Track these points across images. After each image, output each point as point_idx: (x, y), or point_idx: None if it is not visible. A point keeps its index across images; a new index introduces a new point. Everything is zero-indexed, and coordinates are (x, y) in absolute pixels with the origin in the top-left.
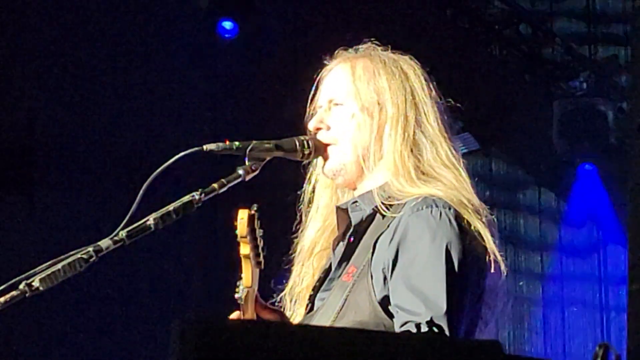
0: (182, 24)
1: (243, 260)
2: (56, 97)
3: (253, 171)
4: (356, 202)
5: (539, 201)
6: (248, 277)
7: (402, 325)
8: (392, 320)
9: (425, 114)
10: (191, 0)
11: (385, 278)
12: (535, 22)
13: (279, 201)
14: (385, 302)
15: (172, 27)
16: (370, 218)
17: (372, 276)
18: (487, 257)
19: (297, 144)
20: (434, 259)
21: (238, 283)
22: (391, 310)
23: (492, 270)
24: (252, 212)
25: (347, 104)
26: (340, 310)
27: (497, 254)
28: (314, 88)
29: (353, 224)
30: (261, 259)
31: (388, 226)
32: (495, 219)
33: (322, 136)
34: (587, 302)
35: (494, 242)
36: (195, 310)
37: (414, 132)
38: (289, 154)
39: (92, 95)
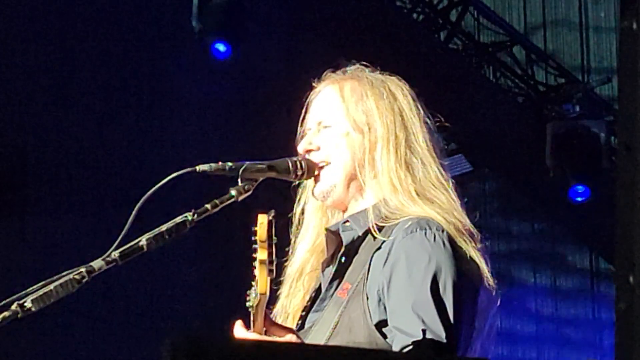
0: (175, 46)
1: (259, 266)
2: (48, 120)
3: (246, 192)
4: (347, 221)
5: (532, 223)
6: (263, 283)
7: (402, 348)
8: (386, 341)
9: (414, 134)
10: (184, 22)
11: (380, 300)
12: (528, 44)
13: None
14: (380, 324)
15: (165, 50)
16: (362, 238)
17: (367, 297)
18: (480, 281)
19: (290, 164)
20: (430, 282)
21: (249, 292)
22: (386, 332)
23: (484, 295)
24: (270, 217)
25: (335, 126)
26: (335, 327)
27: (490, 278)
28: (303, 111)
29: (344, 243)
30: (273, 267)
31: (381, 246)
32: (487, 244)
33: (313, 157)
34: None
35: (487, 267)
36: (187, 329)
37: (405, 152)
38: (282, 175)
39: (84, 117)
